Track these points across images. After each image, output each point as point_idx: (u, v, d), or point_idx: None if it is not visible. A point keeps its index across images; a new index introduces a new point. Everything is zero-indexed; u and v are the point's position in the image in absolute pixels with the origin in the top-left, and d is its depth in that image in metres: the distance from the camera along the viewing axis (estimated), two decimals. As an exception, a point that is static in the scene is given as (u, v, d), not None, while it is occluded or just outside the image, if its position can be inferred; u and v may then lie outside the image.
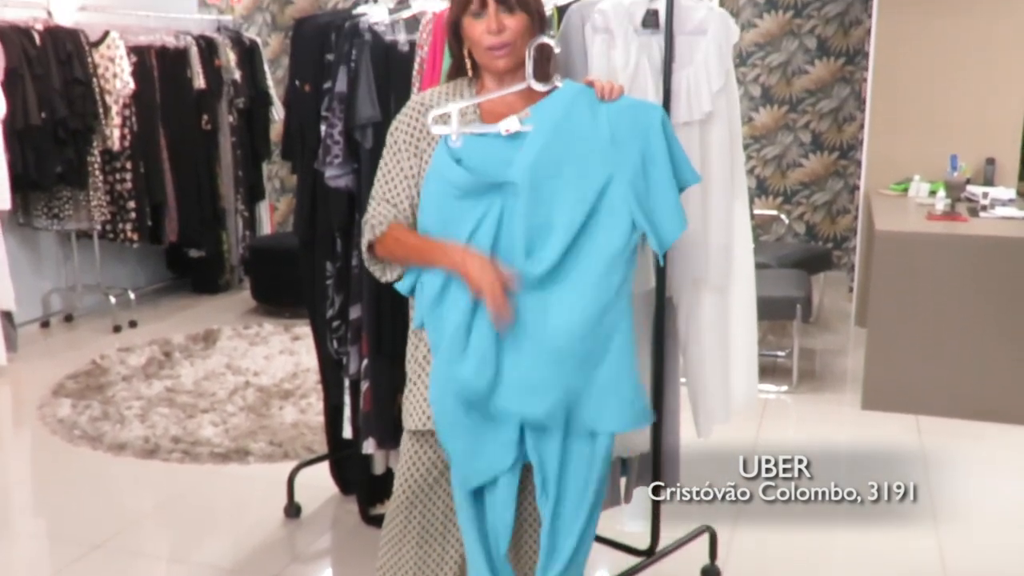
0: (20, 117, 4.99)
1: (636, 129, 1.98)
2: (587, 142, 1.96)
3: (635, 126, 1.99)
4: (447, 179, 1.96)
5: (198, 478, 3.71)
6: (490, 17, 1.95)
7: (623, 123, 1.98)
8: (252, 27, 7.44)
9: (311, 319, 3.17)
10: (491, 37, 1.96)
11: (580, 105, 1.98)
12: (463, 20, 1.99)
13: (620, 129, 1.97)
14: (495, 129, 1.96)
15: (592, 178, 1.95)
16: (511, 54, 1.98)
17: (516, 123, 1.96)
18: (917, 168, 5.38)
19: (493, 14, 1.95)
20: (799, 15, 6.82)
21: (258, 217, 6.86)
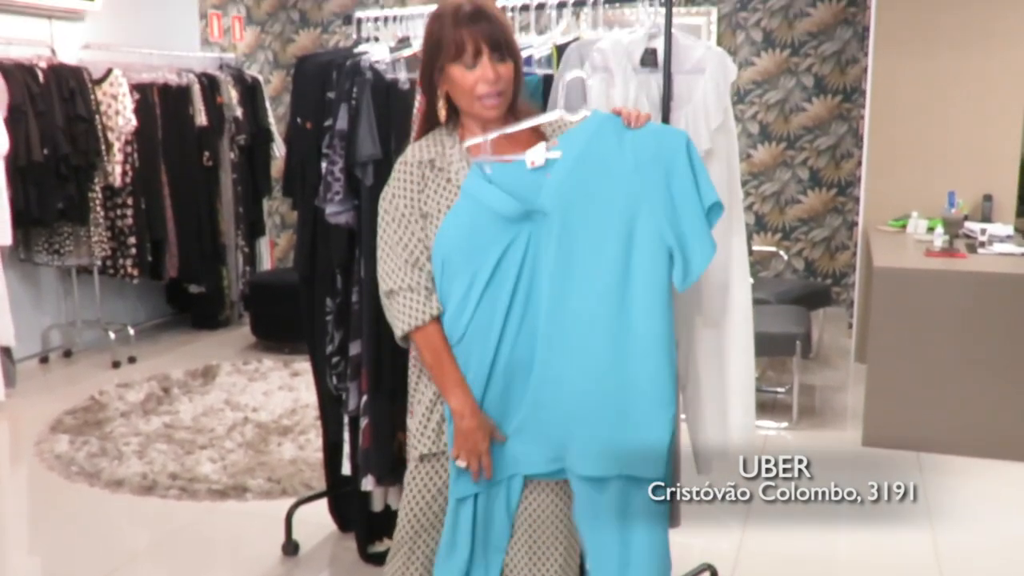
0: (23, 154, 5.02)
1: (661, 154, 1.97)
2: (614, 170, 1.96)
3: (660, 151, 1.98)
4: (483, 203, 1.95)
5: (195, 515, 3.69)
6: (486, 66, 1.93)
7: (648, 149, 1.97)
8: (254, 65, 7.52)
9: (311, 355, 3.16)
10: (486, 86, 1.94)
11: (606, 133, 1.97)
12: (450, 69, 1.96)
13: (645, 155, 1.96)
14: (521, 158, 1.96)
15: (622, 207, 1.95)
16: (503, 103, 1.98)
17: (542, 155, 1.96)
18: (915, 204, 5.40)
19: (489, 63, 1.93)
20: (796, 53, 6.89)
21: (258, 253, 6.88)
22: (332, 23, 7.80)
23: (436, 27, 1.97)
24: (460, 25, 1.93)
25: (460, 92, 1.97)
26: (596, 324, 1.95)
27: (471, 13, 1.94)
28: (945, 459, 4.16)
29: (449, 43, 1.94)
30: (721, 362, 2.60)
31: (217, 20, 7.14)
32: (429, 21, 2.02)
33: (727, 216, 2.51)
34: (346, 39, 7.18)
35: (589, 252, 1.95)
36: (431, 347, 2.00)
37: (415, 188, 2.01)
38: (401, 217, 2.01)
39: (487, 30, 1.93)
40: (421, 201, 2.01)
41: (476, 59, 1.93)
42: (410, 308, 1.99)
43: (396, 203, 2.01)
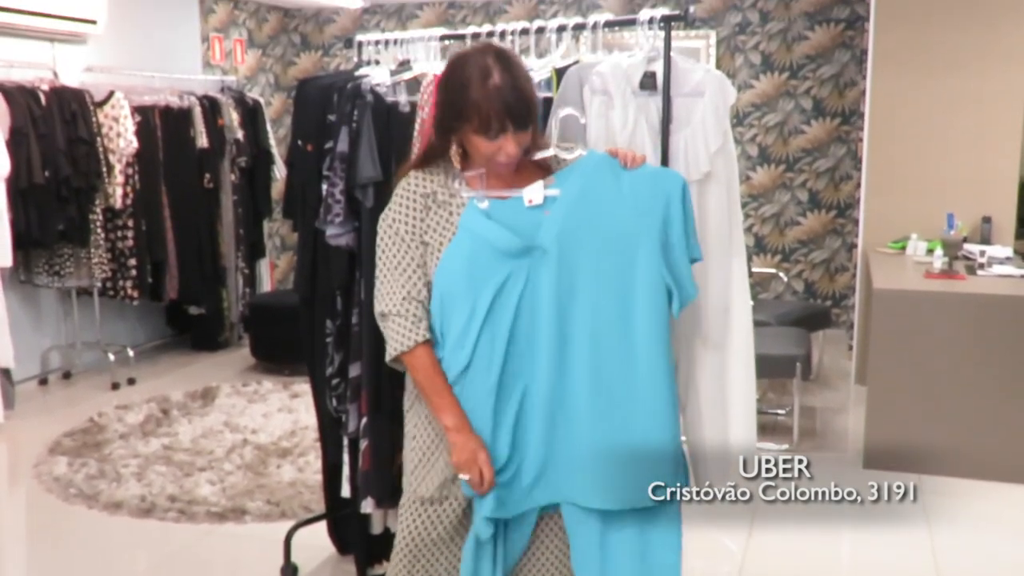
0: (24, 176, 5.03)
1: (658, 196, 2.01)
2: (613, 209, 1.99)
3: (657, 193, 2.01)
4: (481, 237, 1.96)
5: (194, 537, 3.67)
6: (509, 142, 1.93)
7: (645, 190, 2.01)
8: (255, 87, 7.55)
9: (310, 377, 3.16)
10: (506, 158, 1.95)
11: (604, 173, 2.00)
12: (470, 134, 1.94)
13: (642, 196, 2.00)
14: (519, 194, 1.98)
15: (622, 246, 1.98)
16: (515, 163, 1.99)
17: (540, 194, 1.97)
18: (914, 226, 5.41)
19: (511, 139, 1.93)
20: (795, 76, 6.92)
21: (258, 274, 6.89)
22: (333, 46, 7.85)
23: (460, 89, 1.93)
24: (488, 100, 1.90)
25: (476, 152, 1.98)
26: (601, 358, 1.97)
27: (499, 85, 1.90)
28: (946, 481, 4.14)
29: (472, 115, 1.91)
30: (722, 384, 2.59)
31: (219, 43, 7.18)
32: (452, 73, 1.97)
33: (727, 237, 2.52)
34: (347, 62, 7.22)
35: (590, 288, 1.97)
36: (420, 369, 2.01)
37: (417, 216, 2.02)
38: (400, 241, 2.01)
39: (516, 107, 1.91)
40: (421, 230, 2.01)
41: (500, 134, 1.92)
42: (399, 333, 2.00)
43: (396, 227, 2.02)
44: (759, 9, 6.93)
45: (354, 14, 7.74)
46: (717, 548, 3.50)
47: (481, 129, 1.92)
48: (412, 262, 2.01)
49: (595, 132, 2.39)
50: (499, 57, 1.94)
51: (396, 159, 2.64)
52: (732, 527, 3.20)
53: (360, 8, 7.65)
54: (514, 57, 1.99)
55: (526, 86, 1.94)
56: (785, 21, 6.90)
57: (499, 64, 1.92)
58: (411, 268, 2.01)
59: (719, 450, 2.63)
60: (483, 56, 1.94)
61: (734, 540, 3.46)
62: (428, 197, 2.02)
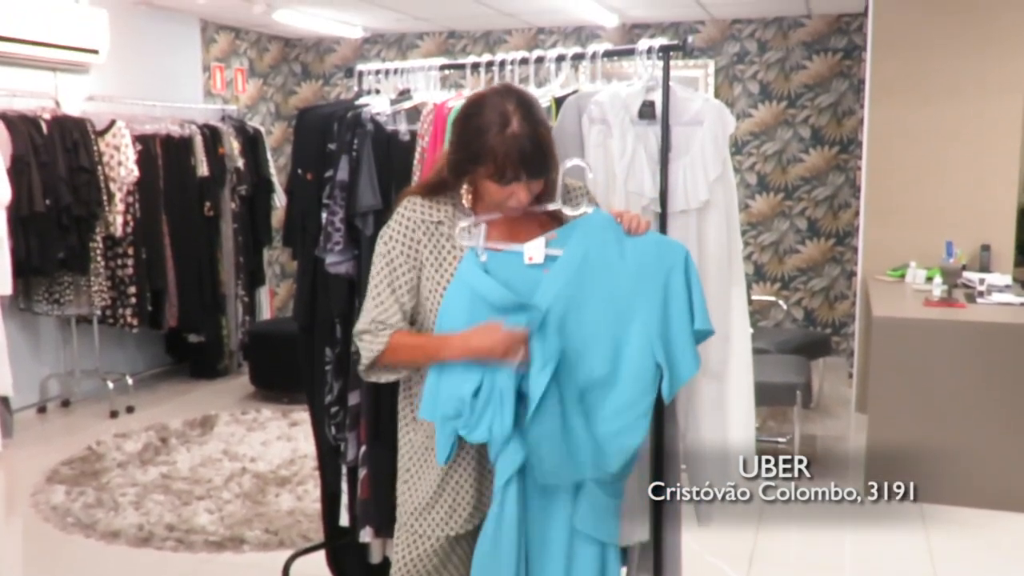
0: (25, 204, 5.04)
1: (660, 266, 1.99)
2: (613, 276, 1.96)
3: (659, 263, 1.99)
4: (477, 291, 1.94)
5: (192, 567, 3.65)
6: (521, 190, 1.91)
7: (648, 259, 1.98)
8: (256, 116, 7.59)
9: (309, 405, 3.15)
10: (516, 204, 1.93)
11: (608, 237, 1.98)
12: (483, 179, 1.93)
13: (645, 265, 1.98)
14: (519, 249, 1.97)
15: (617, 314, 1.96)
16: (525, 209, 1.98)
17: (540, 252, 1.95)
18: (913, 254, 5.42)
19: (524, 188, 1.92)
20: (793, 105, 6.96)
21: (258, 302, 6.89)
22: (333, 76, 7.90)
23: (477, 133, 1.91)
24: (505, 148, 1.88)
25: (487, 195, 1.96)
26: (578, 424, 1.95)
27: (517, 133, 1.88)
28: (948, 510, 4.12)
29: (488, 160, 1.90)
30: (722, 412, 2.59)
31: (220, 72, 7.22)
32: (471, 114, 1.95)
33: (727, 266, 2.52)
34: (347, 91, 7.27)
35: (579, 354, 1.95)
36: (403, 348, 1.99)
37: (416, 241, 2.01)
38: (389, 263, 2.01)
39: (531, 157, 1.89)
40: (418, 256, 2.01)
41: (513, 181, 1.91)
42: (369, 345, 2.00)
43: (392, 245, 2.01)
44: (757, 39, 6.99)
45: (355, 43, 7.80)
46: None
47: (495, 176, 1.90)
48: (396, 289, 2.00)
49: (594, 161, 2.40)
50: (520, 103, 1.91)
51: (396, 188, 2.64)
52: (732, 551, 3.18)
53: (361, 38, 7.70)
54: (534, 103, 1.95)
55: (544, 135, 1.92)
56: (783, 51, 6.94)
57: (520, 111, 1.90)
58: (393, 294, 2.00)
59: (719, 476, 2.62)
60: (504, 101, 1.91)
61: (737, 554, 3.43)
62: (432, 225, 2.01)
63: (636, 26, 7.15)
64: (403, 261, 2.01)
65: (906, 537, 3.84)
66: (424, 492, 2.07)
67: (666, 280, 1.98)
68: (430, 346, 1.97)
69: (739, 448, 2.64)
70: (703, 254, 2.46)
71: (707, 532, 2.54)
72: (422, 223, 2.02)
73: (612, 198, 2.33)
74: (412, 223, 2.02)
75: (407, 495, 2.10)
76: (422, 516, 2.07)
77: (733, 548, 3.63)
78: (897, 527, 3.97)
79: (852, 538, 3.83)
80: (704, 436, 2.58)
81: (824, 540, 3.71)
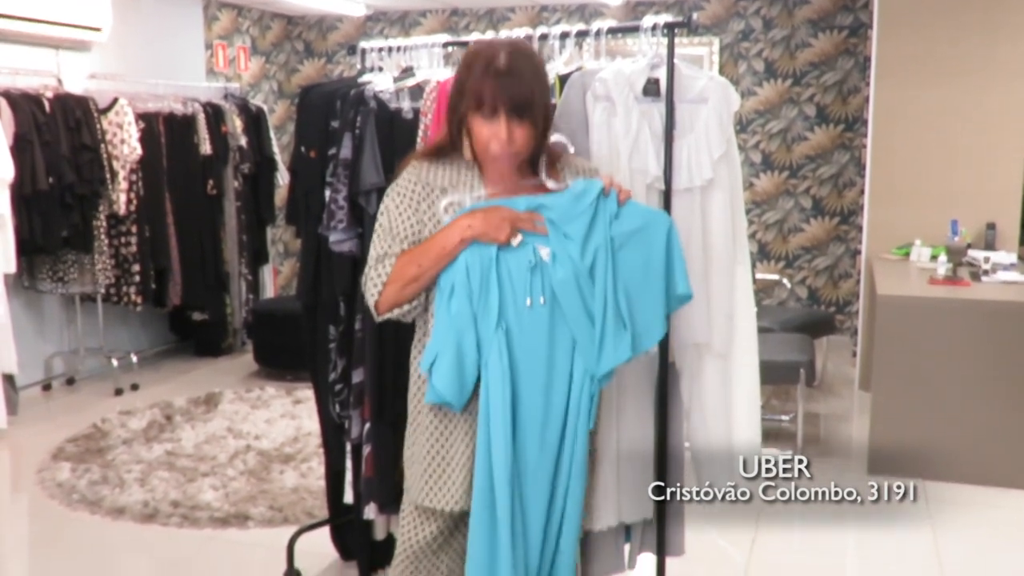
0: (28, 182, 5.03)
1: (643, 237, 2.02)
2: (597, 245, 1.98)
3: (643, 234, 2.02)
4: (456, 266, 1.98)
5: (197, 543, 3.67)
6: (501, 126, 1.92)
7: (631, 228, 2.01)
8: (259, 94, 7.57)
9: (313, 383, 3.16)
10: (498, 146, 1.94)
11: (593, 206, 1.99)
12: (470, 117, 1.95)
13: (627, 234, 2.01)
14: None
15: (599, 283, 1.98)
16: (515, 160, 1.99)
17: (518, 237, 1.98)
18: (918, 233, 5.40)
19: (504, 124, 1.92)
20: (798, 83, 6.92)
21: (262, 281, 6.90)
22: (336, 53, 7.86)
23: (466, 72, 1.96)
24: (487, 78, 1.91)
25: (476, 142, 1.98)
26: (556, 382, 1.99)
27: (500, 69, 1.91)
28: (951, 487, 4.14)
29: (471, 93, 1.93)
30: (726, 390, 2.59)
31: (222, 50, 7.19)
32: (464, 58, 2.00)
33: (731, 244, 2.52)
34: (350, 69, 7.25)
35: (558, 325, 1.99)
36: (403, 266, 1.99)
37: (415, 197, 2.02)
38: (393, 215, 2.03)
39: (511, 90, 1.91)
40: (417, 203, 2.02)
41: (494, 114, 1.92)
42: (373, 281, 2.02)
43: (396, 199, 2.03)
44: (762, 16, 6.94)
45: (357, 21, 7.76)
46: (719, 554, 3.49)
47: (477, 107, 1.92)
48: (401, 232, 2.01)
49: (598, 139, 2.39)
50: (514, 47, 1.96)
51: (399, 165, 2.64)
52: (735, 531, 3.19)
53: (363, 15, 7.67)
54: (531, 52, 2.00)
55: (530, 78, 1.94)
56: (788, 28, 6.90)
57: (511, 53, 1.93)
58: (397, 239, 2.01)
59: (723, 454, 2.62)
60: (500, 44, 1.97)
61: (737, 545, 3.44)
62: (433, 188, 2.03)
63: (640, 3, 7.10)
64: (405, 218, 2.02)
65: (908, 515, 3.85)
66: (429, 467, 2.07)
67: (647, 250, 2.02)
68: (430, 243, 1.97)
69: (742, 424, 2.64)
70: (707, 232, 2.45)
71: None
72: (425, 185, 2.03)
73: (616, 176, 2.32)
74: (413, 183, 2.03)
75: (412, 470, 2.10)
76: (426, 492, 2.07)
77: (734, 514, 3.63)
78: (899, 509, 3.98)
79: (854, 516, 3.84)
80: (708, 414, 2.58)
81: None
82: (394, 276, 2.00)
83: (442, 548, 2.11)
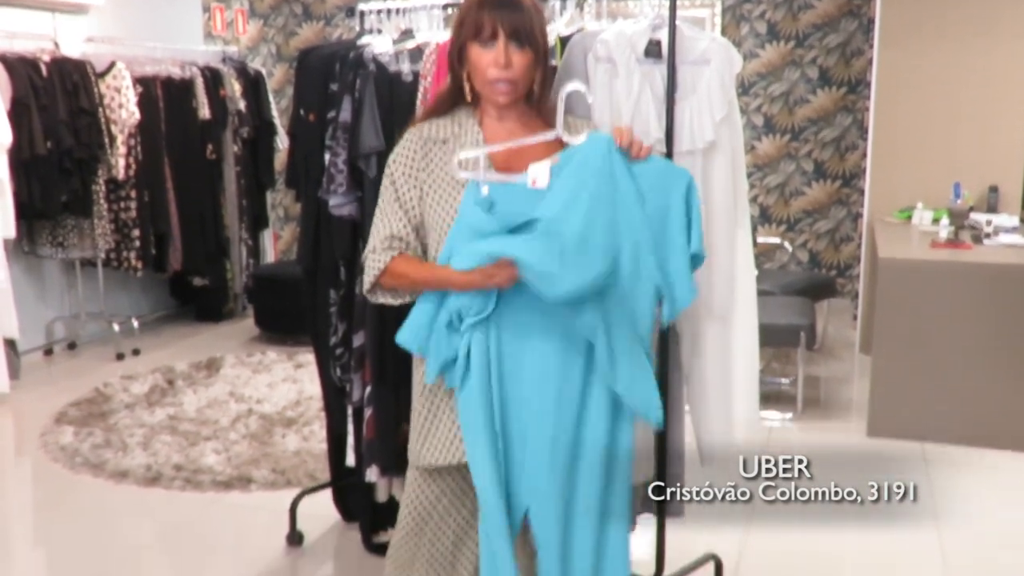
0: (26, 147, 5.01)
1: (663, 192, 1.97)
2: (617, 199, 1.93)
3: (662, 188, 1.97)
4: (475, 228, 1.92)
5: (200, 506, 3.69)
6: (499, 50, 1.93)
7: (651, 182, 1.96)
8: (257, 58, 7.51)
9: (314, 347, 3.16)
10: (497, 71, 1.94)
11: (614, 160, 1.93)
12: (469, 46, 1.97)
13: (648, 190, 1.95)
14: (523, 180, 1.94)
15: (620, 237, 1.92)
16: (513, 91, 1.98)
17: (545, 175, 1.93)
18: (920, 196, 5.38)
19: (503, 48, 1.93)
20: (801, 45, 6.86)
21: (262, 245, 6.89)
22: (335, 16, 7.79)
23: (466, 8, 1.99)
24: (484, 7, 1.94)
25: (475, 73, 1.98)
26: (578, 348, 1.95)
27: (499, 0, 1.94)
28: (950, 449, 4.16)
29: (471, 22, 1.95)
30: (726, 354, 2.59)
31: (220, 13, 7.13)
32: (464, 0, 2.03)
33: (732, 207, 2.51)
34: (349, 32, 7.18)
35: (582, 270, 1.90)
36: (405, 274, 1.99)
37: (416, 159, 2.02)
38: (392, 183, 2.03)
39: (509, 16, 1.93)
40: (417, 169, 2.01)
41: (492, 41, 1.93)
42: (373, 263, 2.01)
43: (396, 167, 2.03)
44: (765, -23, 6.87)
45: (356, -17, 7.68)
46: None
47: (475, 35, 1.94)
48: (400, 206, 2.01)
49: (600, 101, 2.38)
50: None
51: (399, 129, 2.62)
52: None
53: (362, -23, 7.58)
54: None
55: (529, 9, 1.96)
56: (791, -11, 6.83)
57: None
58: (398, 212, 2.01)
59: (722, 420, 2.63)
60: None
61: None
62: (433, 143, 2.02)
63: (642, -36, 7.02)
64: (406, 179, 2.01)
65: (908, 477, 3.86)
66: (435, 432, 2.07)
67: (667, 205, 1.96)
68: (438, 277, 1.96)
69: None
70: (708, 195, 2.44)
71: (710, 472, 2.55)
72: (427, 141, 2.02)
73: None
74: (415, 143, 2.03)
75: (417, 434, 2.10)
76: (418, 450, 2.07)
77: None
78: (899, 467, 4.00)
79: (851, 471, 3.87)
80: (708, 377, 2.59)
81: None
82: (393, 273, 2.00)
83: (448, 512, 2.12)
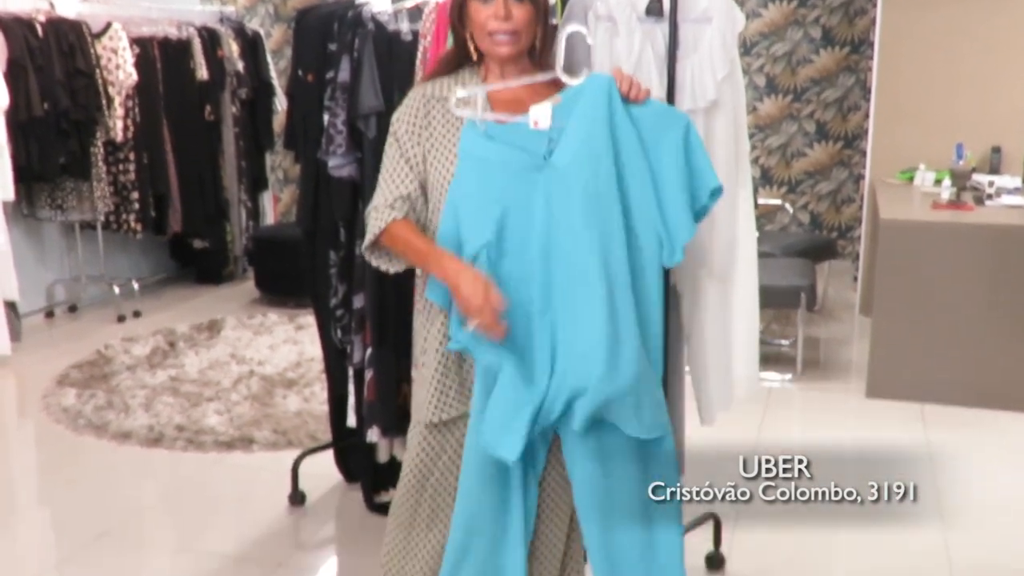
0: (23, 109, 4.98)
1: (661, 133, 1.96)
2: (621, 142, 1.93)
3: (661, 130, 1.96)
4: (485, 160, 1.91)
5: (202, 466, 3.72)
6: (498, 3, 1.94)
7: (649, 125, 1.96)
8: (255, 18, 7.44)
9: (315, 308, 3.17)
10: (497, 23, 1.95)
11: (615, 103, 1.93)
12: (469, 3, 1.98)
13: (647, 131, 1.95)
14: (523, 120, 1.92)
15: (625, 180, 1.92)
16: (515, 42, 1.98)
17: (547, 116, 1.91)
18: (922, 157, 5.36)
19: (502, 1, 1.94)
20: (804, 4, 6.80)
21: (261, 207, 6.87)
22: (333, -26, 7.70)
23: None
24: None
25: (476, 28, 1.99)
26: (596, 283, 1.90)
27: None
28: (949, 410, 4.17)
29: None
30: (726, 315, 2.59)
31: (217, -28, 7.05)
32: None
33: (734, 169, 2.50)
34: (348, -9, 7.10)
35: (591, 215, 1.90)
36: (402, 240, 1.98)
37: (419, 115, 2.01)
38: (396, 142, 2.03)
39: None
40: (420, 127, 2.01)
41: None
42: (375, 220, 2.00)
43: (397, 127, 2.03)
44: (768, -65, 6.79)
45: (354, -59, 7.59)
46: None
47: None
48: (405, 162, 2.01)
49: (600, 60, 2.35)
50: None
51: (398, 89, 2.61)
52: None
53: (361, -65, 7.49)
54: None
55: None
56: (794, -53, 6.76)
57: None
58: (404, 169, 2.01)
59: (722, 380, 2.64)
60: None
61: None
62: (434, 100, 2.02)
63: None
64: (410, 136, 2.01)
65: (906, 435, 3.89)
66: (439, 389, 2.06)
67: (665, 149, 1.95)
68: (425, 252, 1.95)
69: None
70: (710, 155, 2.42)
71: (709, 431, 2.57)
72: (429, 99, 2.02)
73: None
74: (417, 101, 2.03)
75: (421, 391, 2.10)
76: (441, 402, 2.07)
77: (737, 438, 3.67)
78: (896, 426, 4.02)
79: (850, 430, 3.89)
80: (708, 338, 2.59)
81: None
82: (391, 234, 1.98)
83: (448, 469, 2.13)
